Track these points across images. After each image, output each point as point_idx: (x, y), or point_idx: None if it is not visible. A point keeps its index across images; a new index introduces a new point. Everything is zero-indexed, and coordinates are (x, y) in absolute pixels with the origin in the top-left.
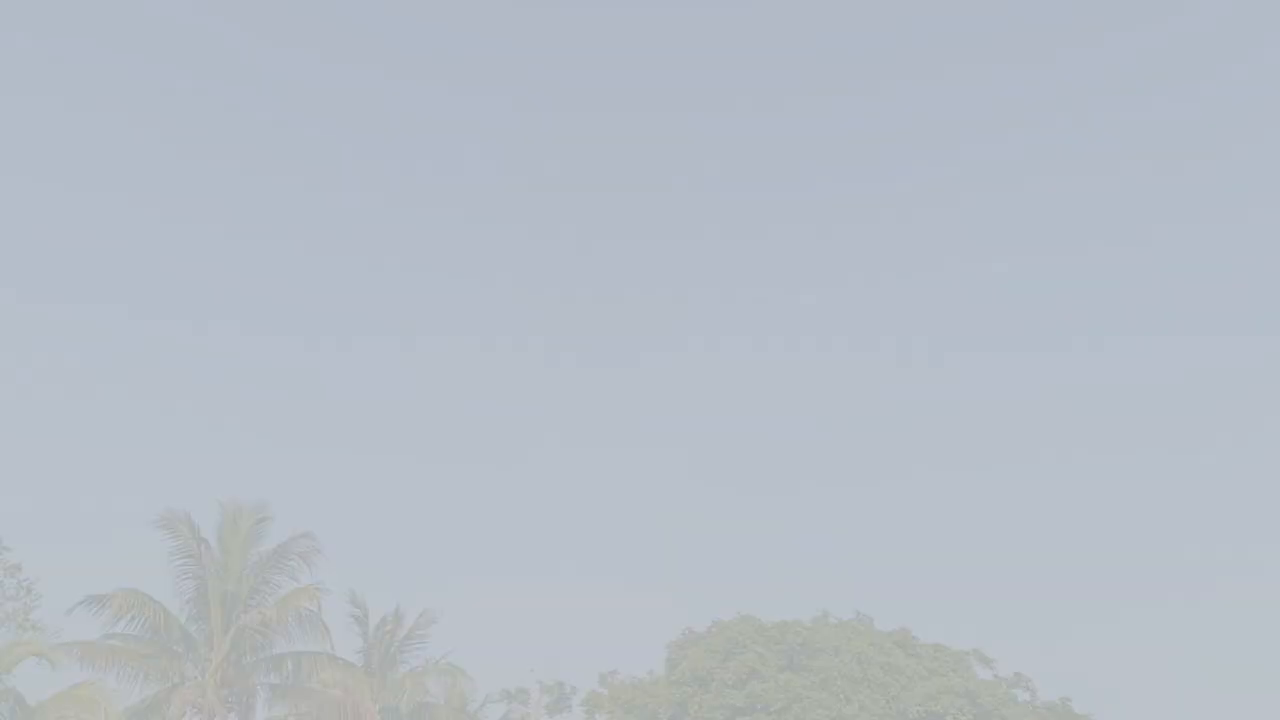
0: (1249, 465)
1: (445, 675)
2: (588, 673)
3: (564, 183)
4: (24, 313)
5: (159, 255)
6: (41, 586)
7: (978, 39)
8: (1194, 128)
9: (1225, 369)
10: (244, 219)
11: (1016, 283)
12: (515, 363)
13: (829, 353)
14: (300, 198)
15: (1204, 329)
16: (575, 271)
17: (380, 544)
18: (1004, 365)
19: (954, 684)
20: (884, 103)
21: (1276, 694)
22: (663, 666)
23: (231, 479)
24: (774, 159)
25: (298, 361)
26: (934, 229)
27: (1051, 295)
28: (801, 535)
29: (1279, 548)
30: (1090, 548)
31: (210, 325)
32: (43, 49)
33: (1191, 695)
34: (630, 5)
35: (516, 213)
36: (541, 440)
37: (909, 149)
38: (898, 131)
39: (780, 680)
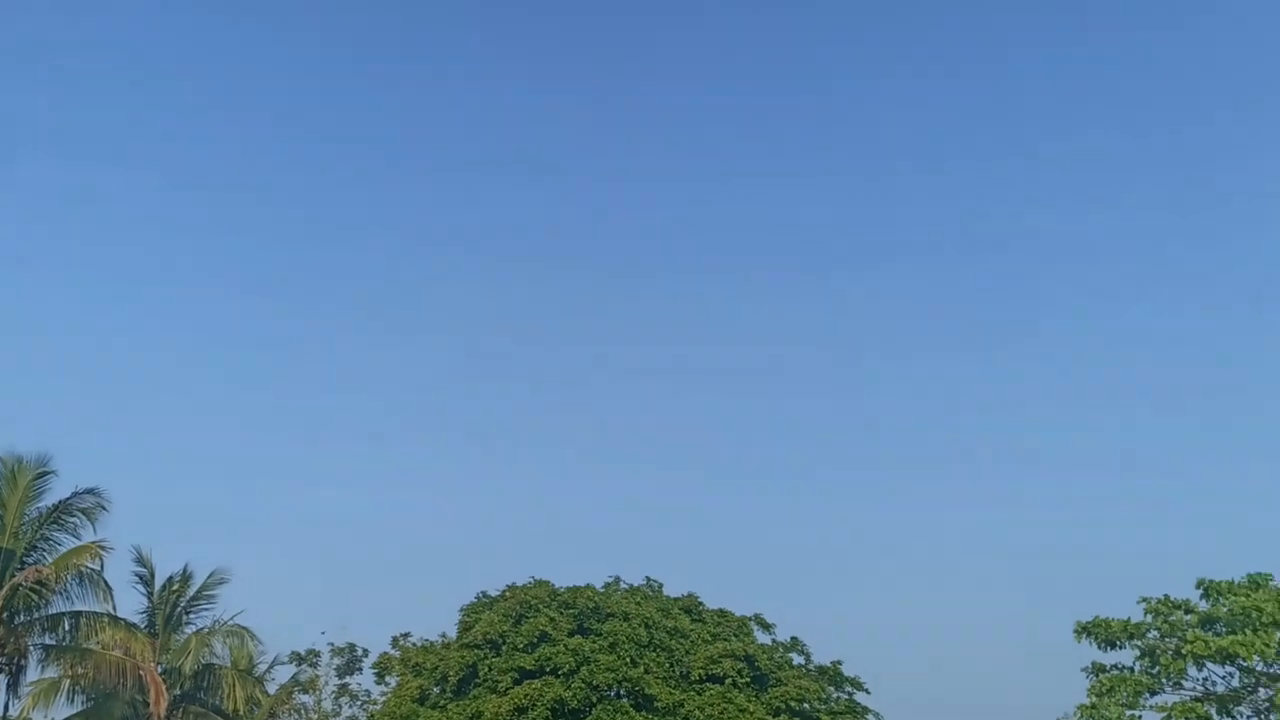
0: None
1: (233, 636)
2: (381, 635)
3: None
4: None
5: None
6: None
7: None
8: None
9: None
10: None
11: None
12: None
13: None
14: None
15: None
16: None
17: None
18: None
19: (734, 647)
20: None
21: None
22: (455, 630)
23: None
24: None
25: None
26: None
27: None
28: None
29: None
30: None
31: None
32: None
33: None
34: None
35: None
36: None
37: None
38: None
39: (570, 643)
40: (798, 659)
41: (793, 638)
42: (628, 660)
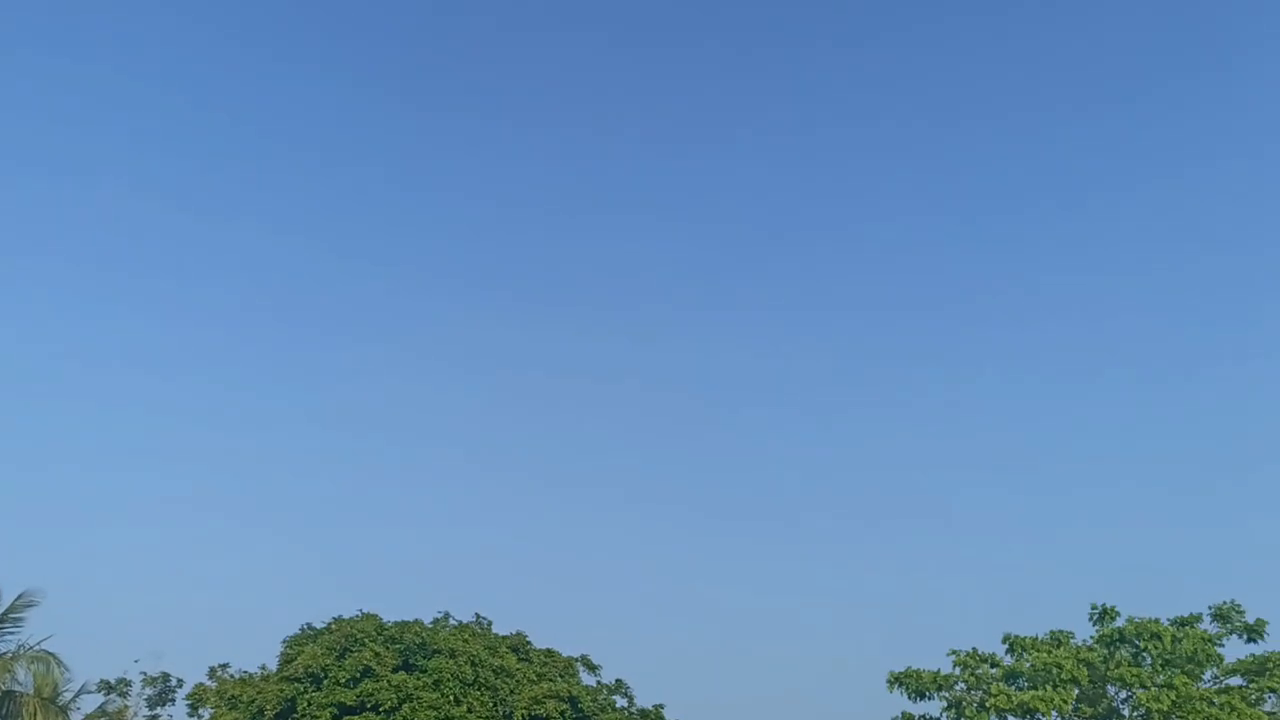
0: None
1: (38, 662)
2: (200, 665)
3: None
4: None
5: None
6: None
7: None
8: None
9: None
10: None
11: None
12: None
13: None
14: None
15: None
16: None
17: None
18: None
19: (559, 688)
20: None
21: None
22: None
23: None
24: None
25: None
26: None
27: None
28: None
29: None
30: None
31: None
32: None
33: None
34: None
35: None
36: None
37: None
38: None
39: (393, 680)
40: (621, 701)
41: (617, 680)
42: (451, 699)
